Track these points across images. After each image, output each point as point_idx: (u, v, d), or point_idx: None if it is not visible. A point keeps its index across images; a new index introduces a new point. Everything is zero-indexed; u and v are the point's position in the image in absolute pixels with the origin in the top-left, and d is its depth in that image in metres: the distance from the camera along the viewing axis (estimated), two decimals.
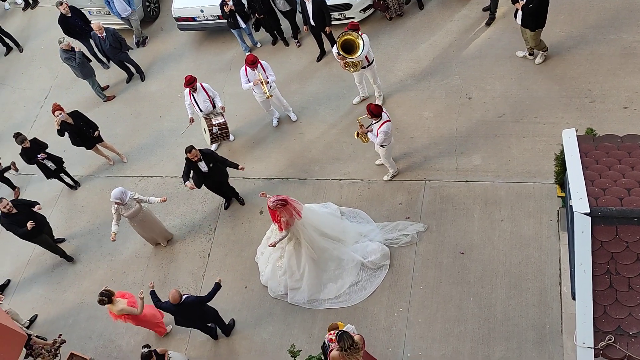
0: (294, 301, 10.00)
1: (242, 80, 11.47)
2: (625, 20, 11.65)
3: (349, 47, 10.74)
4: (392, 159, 10.78)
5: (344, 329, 8.13)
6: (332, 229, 10.03)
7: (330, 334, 8.22)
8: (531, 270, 9.37)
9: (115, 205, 10.31)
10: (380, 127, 9.83)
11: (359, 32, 10.71)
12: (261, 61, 11.33)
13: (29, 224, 10.67)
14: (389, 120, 9.91)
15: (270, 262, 10.14)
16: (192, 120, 11.83)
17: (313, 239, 9.64)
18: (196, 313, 9.25)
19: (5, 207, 10.57)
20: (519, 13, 10.79)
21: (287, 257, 9.84)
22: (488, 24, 12.46)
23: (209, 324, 9.81)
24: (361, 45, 10.62)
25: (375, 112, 9.74)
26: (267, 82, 11.31)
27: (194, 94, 11.42)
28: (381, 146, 10.17)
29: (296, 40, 13.71)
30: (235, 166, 10.69)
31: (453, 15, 12.97)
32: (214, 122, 11.48)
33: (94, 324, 10.70)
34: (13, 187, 13.11)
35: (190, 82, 11.24)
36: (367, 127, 10.08)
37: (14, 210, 10.67)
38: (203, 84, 11.51)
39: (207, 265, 10.93)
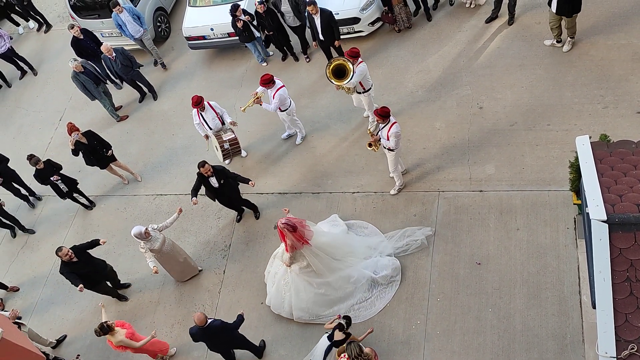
0: (299, 318, 9.93)
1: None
2: (635, 25, 11.61)
3: (341, 71, 10.67)
4: (402, 170, 10.77)
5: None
6: (342, 248, 9.96)
7: (341, 357, 8.17)
8: (550, 279, 9.28)
9: (142, 242, 10.09)
10: (389, 129, 9.80)
11: (358, 60, 10.62)
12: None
13: (79, 288, 10.11)
14: (396, 122, 9.90)
15: (276, 281, 10.08)
16: (206, 137, 11.93)
17: (324, 262, 9.60)
18: (221, 338, 9.15)
19: (66, 256, 10.06)
20: (554, 2, 10.86)
21: (292, 276, 9.76)
22: (510, 23, 12.56)
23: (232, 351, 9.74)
24: (351, 73, 10.55)
25: (382, 113, 9.70)
26: (253, 105, 11.34)
27: (202, 113, 11.50)
28: (391, 150, 10.14)
29: (306, 56, 13.78)
30: (247, 181, 10.72)
31: (461, 25, 12.98)
32: (224, 139, 11.60)
33: None
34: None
35: (198, 102, 11.33)
36: (377, 134, 10.08)
37: (75, 258, 10.19)
38: (210, 102, 11.60)
39: (222, 282, 10.93)
